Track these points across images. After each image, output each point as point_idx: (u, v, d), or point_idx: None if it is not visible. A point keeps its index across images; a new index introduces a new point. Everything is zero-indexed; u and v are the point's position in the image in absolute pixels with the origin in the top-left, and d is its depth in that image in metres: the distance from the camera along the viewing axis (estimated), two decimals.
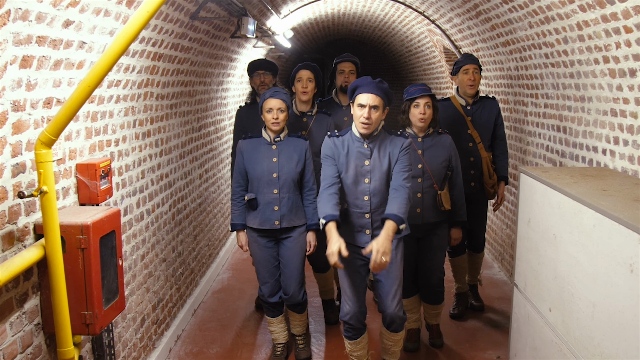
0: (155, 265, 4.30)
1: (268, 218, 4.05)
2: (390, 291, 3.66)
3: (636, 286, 2.35)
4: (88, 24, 2.75)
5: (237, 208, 4.16)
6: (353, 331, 3.78)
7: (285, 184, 4.04)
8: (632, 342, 2.39)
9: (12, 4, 2.13)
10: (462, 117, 4.81)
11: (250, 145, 4.09)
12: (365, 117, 3.45)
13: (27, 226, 2.58)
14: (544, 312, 3.34)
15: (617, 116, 3.70)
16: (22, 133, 2.49)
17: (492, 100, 4.92)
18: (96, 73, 2.34)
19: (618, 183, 3.23)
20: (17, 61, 2.32)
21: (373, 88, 3.47)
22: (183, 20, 4.05)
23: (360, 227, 3.66)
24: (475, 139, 4.78)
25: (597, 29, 3.54)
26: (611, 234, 2.56)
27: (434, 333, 4.60)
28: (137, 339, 3.92)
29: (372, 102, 3.45)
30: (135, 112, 3.84)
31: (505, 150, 4.92)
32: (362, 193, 3.60)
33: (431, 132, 4.16)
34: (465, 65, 4.78)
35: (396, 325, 3.75)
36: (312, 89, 4.49)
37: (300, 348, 4.38)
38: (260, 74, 4.96)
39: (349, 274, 3.68)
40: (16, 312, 2.50)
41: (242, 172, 4.11)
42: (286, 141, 4.09)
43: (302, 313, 4.32)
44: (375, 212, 3.62)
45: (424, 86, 4.11)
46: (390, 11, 8.78)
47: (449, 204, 4.16)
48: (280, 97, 3.94)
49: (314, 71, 4.50)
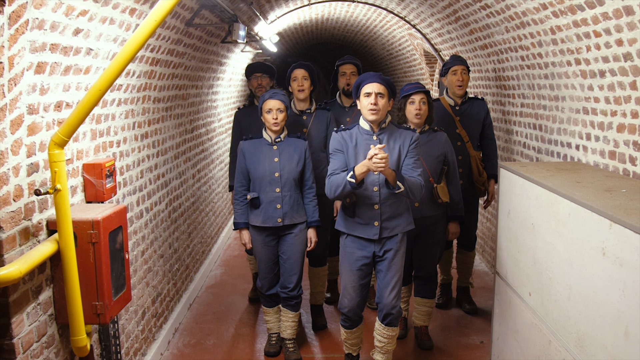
0: (154, 261, 4.40)
1: (271, 216, 4.11)
2: (390, 282, 3.70)
3: (607, 267, 2.52)
4: (95, 32, 2.86)
5: (239, 207, 4.21)
6: (350, 322, 3.87)
7: (287, 183, 4.10)
8: (604, 319, 2.56)
9: (30, 14, 2.24)
10: (451, 116, 4.88)
11: (251, 146, 4.14)
12: (372, 102, 3.51)
13: (40, 222, 2.68)
14: (524, 297, 3.51)
15: (588, 114, 3.88)
16: (36, 135, 2.59)
17: (481, 101, 4.99)
18: (106, 78, 2.46)
19: (590, 176, 3.41)
20: (33, 67, 2.42)
21: (377, 78, 3.55)
22: (179, 27, 4.16)
23: (369, 219, 3.66)
24: (463, 138, 4.85)
25: (569, 33, 3.72)
26: (585, 221, 2.73)
27: (422, 335, 4.59)
28: (138, 330, 4.02)
29: (377, 89, 3.52)
30: (134, 114, 3.95)
31: (494, 149, 4.99)
32: (372, 184, 3.61)
33: (427, 128, 4.23)
34: (454, 66, 4.85)
35: (392, 318, 3.77)
36: (308, 87, 4.51)
37: (290, 351, 4.37)
38: (257, 77, 5.03)
39: (351, 269, 3.73)
40: (32, 303, 2.60)
41: (244, 172, 4.16)
42: (286, 141, 4.15)
43: (295, 311, 4.33)
44: (384, 204, 3.64)
45: (419, 84, 4.17)
46: (372, 16, 8.94)
47: (446, 196, 4.23)
48: (278, 97, 4.01)
49: (308, 69, 4.52)
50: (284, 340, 4.42)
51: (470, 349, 4.53)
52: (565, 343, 2.95)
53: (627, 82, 3.31)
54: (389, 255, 3.70)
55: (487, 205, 5.07)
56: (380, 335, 3.86)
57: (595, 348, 2.65)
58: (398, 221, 3.70)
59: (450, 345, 4.60)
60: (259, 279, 4.34)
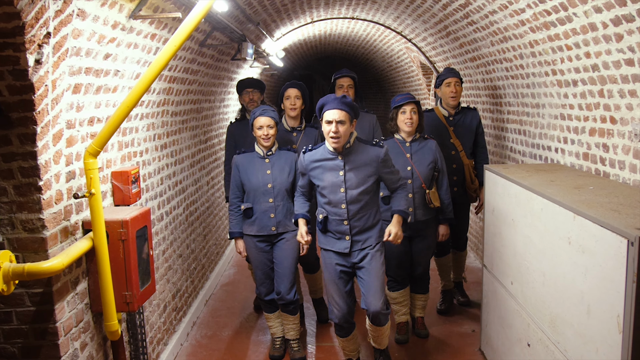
0: (173, 260, 4.68)
1: (265, 225, 4.19)
2: (372, 287, 3.71)
3: (572, 255, 2.78)
4: (122, 56, 3.17)
5: (234, 217, 4.29)
6: (343, 330, 3.94)
7: (280, 193, 4.19)
8: (571, 300, 2.82)
9: (70, 43, 2.54)
10: (445, 127, 4.96)
11: (245, 160, 4.22)
12: (334, 131, 3.50)
13: (77, 222, 2.97)
14: (507, 286, 3.76)
15: (565, 120, 4.14)
16: (73, 146, 2.88)
17: (473, 111, 5.08)
18: (134, 96, 2.76)
19: (565, 175, 3.67)
20: (71, 88, 2.72)
21: (338, 104, 3.51)
22: (193, 48, 4.47)
23: (340, 234, 3.72)
24: (457, 147, 4.93)
25: (545, 46, 3.99)
26: (554, 214, 2.99)
27: (419, 325, 4.76)
28: (160, 322, 4.30)
29: (337, 117, 3.50)
30: (155, 127, 4.24)
31: (486, 157, 5.06)
32: (339, 202, 3.66)
33: (418, 137, 4.35)
34: (447, 78, 4.93)
35: (380, 320, 3.80)
36: (299, 106, 4.61)
37: (294, 350, 4.45)
38: (249, 92, 5.12)
39: (333, 280, 3.79)
40: (71, 292, 2.88)
41: (238, 184, 4.24)
42: (277, 154, 4.23)
43: (294, 315, 4.39)
44: (352, 219, 3.68)
45: (409, 95, 4.31)
46: (371, 31, 9.23)
47: (437, 201, 4.34)
48: (269, 114, 4.09)
49: (300, 89, 4.61)
50: (289, 341, 4.51)
51: (463, 337, 4.77)
52: (540, 325, 3.20)
53: (596, 91, 3.57)
54: (365, 263, 3.73)
55: (479, 211, 5.07)
56: (371, 331, 4.01)
57: (564, 327, 2.90)
58: (369, 234, 3.74)
59: (444, 334, 4.85)
60: (257, 285, 4.43)
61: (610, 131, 3.47)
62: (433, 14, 5.74)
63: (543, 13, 3.67)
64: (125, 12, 2.99)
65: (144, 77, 2.73)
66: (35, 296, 2.69)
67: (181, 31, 2.69)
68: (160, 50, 2.75)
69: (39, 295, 2.69)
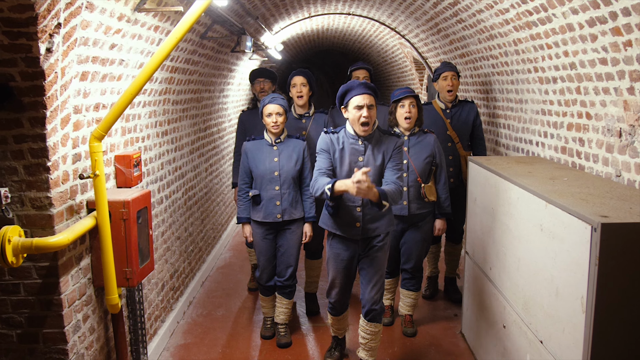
0: (172, 242, 4.81)
1: (271, 212, 4.19)
2: (372, 279, 3.69)
3: (544, 240, 2.92)
4: (126, 46, 3.28)
5: (242, 203, 4.30)
6: (335, 310, 3.97)
7: (286, 181, 4.18)
8: (542, 283, 2.96)
9: (78, 34, 2.65)
10: (442, 119, 4.97)
11: (254, 147, 4.23)
12: (365, 116, 3.41)
13: (82, 202, 3.09)
14: (486, 271, 3.91)
15: (545, 115, 4.27)
16: (79, 130, 3.00)
17: (471, 104, 5.08)
18: (137, 84, 2.87)
19: (543, 167, 3.80)
20: (78, 76, 2.84)
21: (364, 88, 3.43)
22: (194, 40, 4.58)
23: (352, 220, 3.64)
24: (454, 139, 4.94)
25: (527, 45, 4.11)
26: (528, 203, 3.13)
27: (407, 323, 4.69)
28: (158, 300, 4.44)
29: (368, 101, 3.42)
30: (156, 115, 4.36)
31: (483, 149, 5.05)
32: None
33: (417, 130, 4.30)
34: (444, 72, 4.94)
35: (374, 314, 3.75)
36: (306, 93, 4.60)
37: (281, 335, 4.49)
38: (260, 81, 5.20)
39: (338, 266, 3.74)
40: (75, 267, 3.01)
41: (247, 170, 4.24)
42: (286, 142, 4.22)
43: (289, 299, 4.44)
44: (366, 206, 3.59)
45: (408, 89, 4.26)
46: (367, 27, 9.33)
47: (433, 195, 4.29)
48: (278, 102, 4.09)
49: (306, 76, 4.60)
50: (277, 324, 4.55)
51: (446, 321, 4.92)
52: (515, 307, 3.35)
53: (574, 87, 3.70)
54: (371, 254, 3.70)
55: None
56: (364, 332, 3.85)
57: (536, 309, 3.04)
58: (380, 222, 3.67)
59: (428, 318, 4.99)
60: (258, 270, 4.46)
61: (586, 126, 3.61)
62: (424, 11, 5.85)
63: (525, 13, 3.79)
64: (131, 5, 3.10)
65: (147, 67, 2.85)
66: (41, 269, 2.82)
67: (183, 24, 2.81)
68: (163, 42, 2.87)
69: (45, 268, 2.82)
